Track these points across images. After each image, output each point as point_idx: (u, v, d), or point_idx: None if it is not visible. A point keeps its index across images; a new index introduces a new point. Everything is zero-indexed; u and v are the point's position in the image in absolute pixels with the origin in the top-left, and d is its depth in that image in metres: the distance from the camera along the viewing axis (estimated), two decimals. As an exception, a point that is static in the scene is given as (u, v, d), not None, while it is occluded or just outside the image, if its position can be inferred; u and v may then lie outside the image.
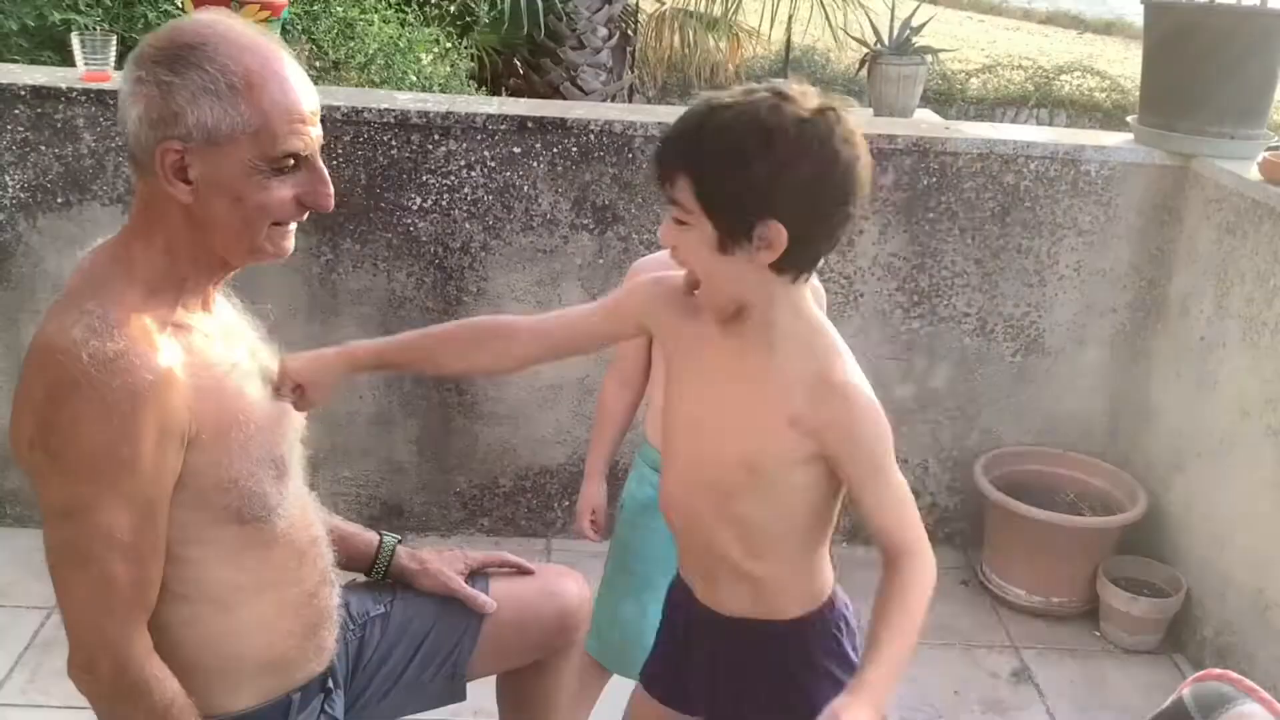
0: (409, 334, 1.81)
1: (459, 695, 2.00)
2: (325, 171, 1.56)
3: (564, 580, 2.07)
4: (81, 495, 1.43)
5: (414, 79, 4.98)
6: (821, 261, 1.56)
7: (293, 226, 1.58)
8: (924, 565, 1.50)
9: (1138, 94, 3.48)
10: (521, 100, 3.70)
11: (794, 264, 1.47)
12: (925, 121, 3.75)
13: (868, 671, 1.43)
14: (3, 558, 3.20)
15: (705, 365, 1.58)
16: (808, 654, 1.64)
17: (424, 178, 3.15)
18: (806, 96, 1.43)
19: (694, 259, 1.48)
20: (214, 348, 1.57)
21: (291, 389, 1.68)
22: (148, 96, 1.46)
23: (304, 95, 1.51)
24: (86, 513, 1.43)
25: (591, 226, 3.23)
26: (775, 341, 1.51)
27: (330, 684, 1.78)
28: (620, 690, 2.52)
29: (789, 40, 9.95)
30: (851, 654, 1.66)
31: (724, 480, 1.55)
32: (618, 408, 2.34)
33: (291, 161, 1.51)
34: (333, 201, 1.57)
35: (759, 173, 1.39)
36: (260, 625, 1.63)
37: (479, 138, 3.13)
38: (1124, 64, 12.06)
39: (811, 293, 2.27)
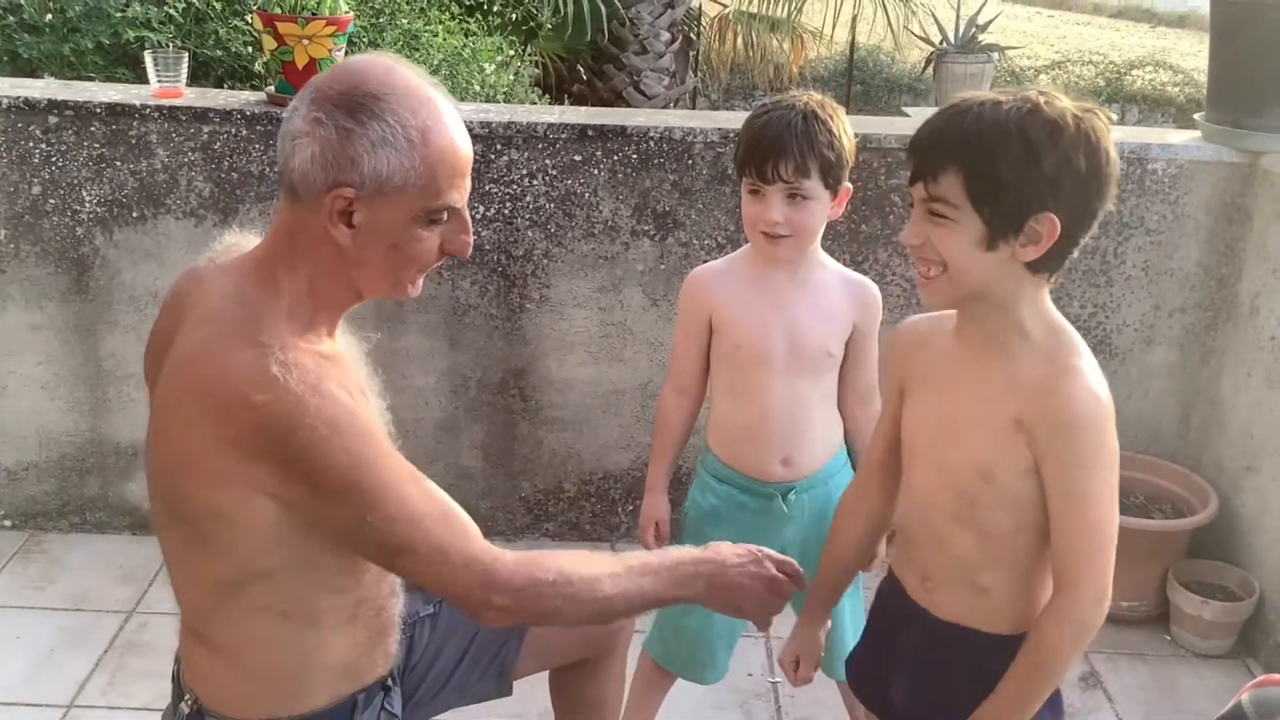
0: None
1: (506, 692, 2.04)
2: (469, 221, 1.62)
3: None
4: (359, 480, 1.48)
5: (478, 88, 5.03)
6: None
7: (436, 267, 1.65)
8: (1068, 603, 1.48)
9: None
10: (582, 109, 3.74)
11: (1053, 261, 1.48)
12: (988, 122, 3.71)
13: (981, 708, 1.51)
14: (84, 563, 3.29)
15: (951, 375, 1.59)
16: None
17: (487, 187, 3.19)
18: (1065, 99, 1.46)
19: (951, 254, 1.46)
20: (346, 374, 1.62)
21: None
22: (325, 139, 1.49)
23: (465, 150, 1.57)
24: (374, 487, 1.49)
25: (652, 233, 3.25)
26: (1015, 342, 1.51)
27: (390, 682, 1.82)
28: (684, 693, 2.54)
29: (853, 40, 9.92)
30: None
31: (966, 489, 1.56)
32: (677, 417, 2.35)
33: (447, 215, 1.57)
34: (471, 249, 1.63)
35: (1046, 164, 1.40)
36: (339, 637, 1.68)
37: (540, 146, 3.17)
38: (1197, 58, 11.84)
39: (872, 302, 2.27)
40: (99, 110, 3.10)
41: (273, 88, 3.18)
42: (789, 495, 2.25)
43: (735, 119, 3.31)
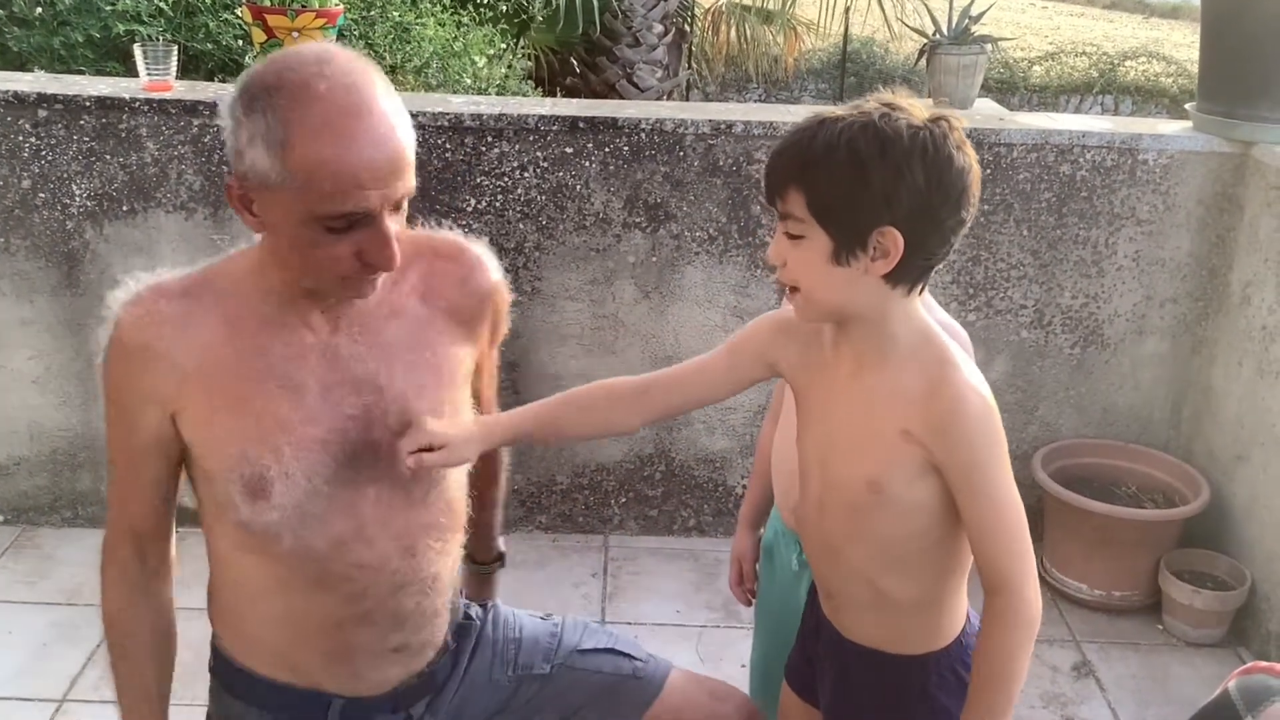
0: (539, 403, 1.76)
1: None
2: (389, 231, 1.44)
3: (730, 697, 1.94)
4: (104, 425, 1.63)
5: (470, 81, 5.03)
6: (932, 274, 1.52)
7: (374, 275, 1.50)
8: (1013, 606, 1.46)
9: (1197, 80, 3.44)
10: (573, 101, 3.73)
11: (909, 274, 1.45)
12: (980, 113, 3.71)
13: None
14: (76, 557, 3.29)
15: (828, 389, 1.58)
16: (926, 690, 1.63)
17: (478, 179, 3.19)
18: (917, 107, 1.42)
19: (806, 273, 1.45)
20: (293, 357, 1.54)
21: (422, 447, 1.58)
22: (228, 128, 1.45)
23: (371, 156, 1.40)
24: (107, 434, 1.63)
25: (644, 225, 3.24)
26: (888, 355, 1.50)
27: (409, 714, 1.73)
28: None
29: (846, 32, 9.90)
30: None
31: (854, 501, 1.55)
32: (764, 443, 2.18)
33: (344, 223, 1.42)
34: (395, 261, 1.46)
35: (875, 179, 1.38)
36: (274, 626, 1.63)
37: (531, 139, 3.16)
38: (1191, 48, 11.84)
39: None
40: (89, 104, 3.09)
41: (263, 81, 3.17)
42: (801, 554, 1.98)
43: (726, 111, 3.32)
